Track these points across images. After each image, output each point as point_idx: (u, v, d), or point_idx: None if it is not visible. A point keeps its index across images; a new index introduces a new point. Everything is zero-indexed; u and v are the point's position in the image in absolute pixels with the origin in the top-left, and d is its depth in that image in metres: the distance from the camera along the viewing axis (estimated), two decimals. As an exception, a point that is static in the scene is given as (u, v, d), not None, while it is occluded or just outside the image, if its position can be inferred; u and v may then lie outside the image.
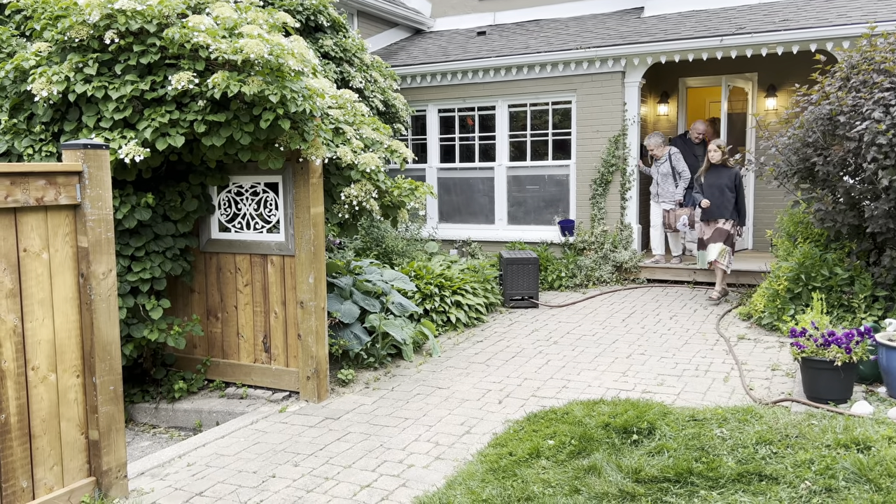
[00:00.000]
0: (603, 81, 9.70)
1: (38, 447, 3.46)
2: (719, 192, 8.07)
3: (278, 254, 5.32)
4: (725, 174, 8.06)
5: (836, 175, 6.08)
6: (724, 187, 8.03)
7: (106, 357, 3.68)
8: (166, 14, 4.67)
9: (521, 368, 5.91)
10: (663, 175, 9.23)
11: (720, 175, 8.08)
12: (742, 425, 4.13)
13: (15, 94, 4.93)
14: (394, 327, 6.06)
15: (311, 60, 4.87)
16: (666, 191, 9.25)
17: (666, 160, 9.19)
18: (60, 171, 3.48)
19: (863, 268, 6.25)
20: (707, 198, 8.16)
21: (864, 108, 5.61)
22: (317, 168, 5.12)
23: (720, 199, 8.06)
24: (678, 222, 9.11)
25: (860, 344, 4.62)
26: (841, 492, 3.32)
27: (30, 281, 3.40)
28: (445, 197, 11.06)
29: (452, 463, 4.09)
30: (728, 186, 8.04)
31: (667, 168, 9.20)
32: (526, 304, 8.35)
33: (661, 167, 9.24)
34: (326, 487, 3.85)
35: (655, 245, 9.63)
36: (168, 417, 5.41)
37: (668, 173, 9.19)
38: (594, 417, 4.39)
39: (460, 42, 11.68)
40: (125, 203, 4.90)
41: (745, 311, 7.32)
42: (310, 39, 8.39)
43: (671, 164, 9.16)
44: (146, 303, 5.06)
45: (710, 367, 5.75)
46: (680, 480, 3.56)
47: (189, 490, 3.88)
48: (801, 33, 8.39)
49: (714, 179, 8.14)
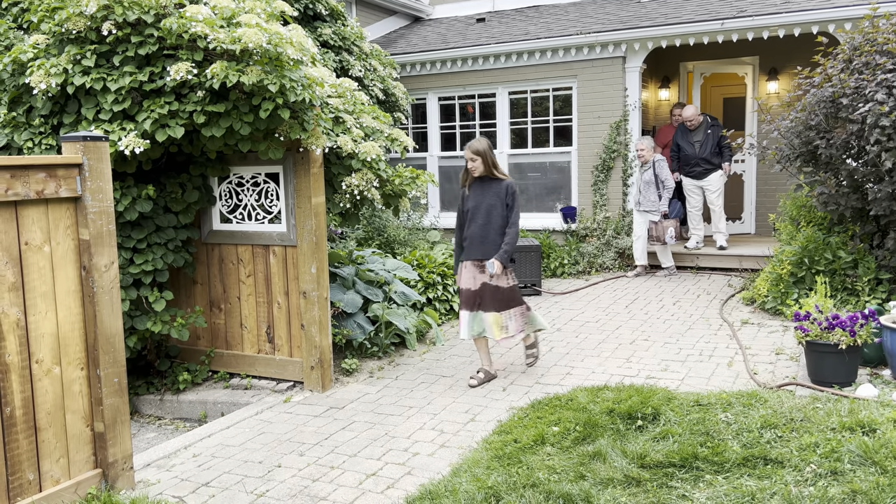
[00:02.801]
0: (603, 67, 9.65)
1: (44, 440, 3.46)
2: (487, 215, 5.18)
3: (280, 244, 5.31)
4: (493, 190, 5.11)
5: (839, 158, 6.05)
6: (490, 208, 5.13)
7: (110, 349, 3.68)
8: (163, 4, 4.64)
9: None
10: (646, 183, 8.69)
11: (486, 191, 5.12)
12: (747, 410, 4.13)
13: (13, 88, 4.91)
14: (397, 316, 6.05)
15: (310, 49, 4.84)
16: (648, 199, 8.69)
17: (650, 167, 8.64)
18: (60, 163, 3.47)
19: (866, 251, 6.23)
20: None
21: (866, 90, 5.57)
22: (317, 158, 5.10)
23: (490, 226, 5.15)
24: (666, 234, 8.60)
25: (864, 327, 4.61)
26: (846, 474, 3.32)
27: (32, 274, 3.39)
28: (447, 185, 11.04)
29: (457, 451, 4.10)
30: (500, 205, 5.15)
31: (650, 176, 8.64)
32: (529, 291, 8.34)
33: (645, 174, 8.70)
34: (332, 476, 3.86)
35: (638, 256, 9.02)
36: (173, 409, 5.43)
37: (651, 181, 8.64)
38: (598, 403, 4.39)
39: (459, 29, 11.62)
40: (126, 195, 4.89)
41: (748, 296, 7.31)
42: (308, 28, 8.34)
43: (655, 171, 8.59)
44: (149, 295, 5.06)
45: (714, 352, 5.74)
46: (685, 465, 3.56)
47: (195, 481, 3.90)
48: (802, 15, 8.33)
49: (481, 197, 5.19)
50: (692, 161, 9.14)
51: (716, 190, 9.09)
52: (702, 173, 9.10)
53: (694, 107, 9.19)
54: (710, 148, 9.01)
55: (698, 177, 9.14)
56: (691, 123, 9.13)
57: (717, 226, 9.25)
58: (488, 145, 5.15)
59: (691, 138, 9.13)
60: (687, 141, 9.16)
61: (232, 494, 3.71)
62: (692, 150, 9.10)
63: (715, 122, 9.10)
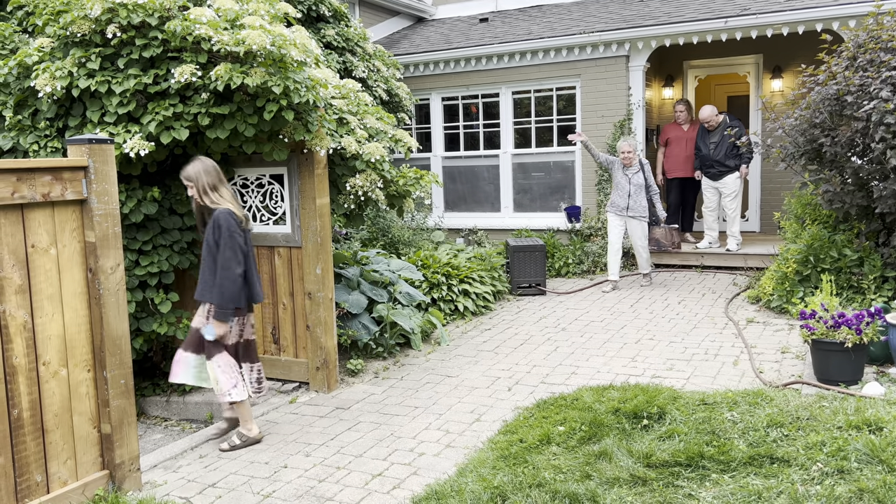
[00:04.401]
0: (607, 66, 9.64)
1: (52, 441, 3.48)
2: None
3: (285, 245, 5.32)
4: (210, 223, 4.24)
5: (844, 156, 6.03)
6: None
7: (116, 351, 3.69)
8: (167, 7, 4.65)
9: (530, 355, 5.91)
10: (637, 186, 8.01)
11: (208, 224, 4.28)
12: (753, 408, 4.12)
13: (19, 91, 4.93)
14: (402, 317, 6.06)
15: (314, 50, 4.85)
16: (639, 204, 8.03)
17: (639, 170, 8.03)
18: (66, 166, 3.48)
19: (872, 249, 6.21)
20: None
21: (871, 87, 5.56)
22: (322, 159, 5.11)
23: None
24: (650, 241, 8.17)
25: (870, 325, 4.59)
26: (853, 473, 3.31)
27: (38, 277, 3.41)
28: (451, 186, 11.04)
29: (463, 451, 4.10)
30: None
31: (641, 179, 8.02)
32: (533, 291, 8.34)
33: (635, 177, 8.01)
34: (338, 477, 3.87)
35: (613, 268, 8.24)
36: (179, 410, 5.44)
37: (642, 185, 8.02)
38: (604, 403, 4.38)
39: (462, 29, 11.62)
40: (131, 197, 4.90)
41: (753, 295, 7.30)
42: (312, 29, 8.35)
43: (644, 174, 8.04)
44: (155, 296, 5.07)
45: (720, 351, 5.73)
46: (691, 464, 3.56)
47: (202, 482, 3.91)
48: (806, 13, 8.31)
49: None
50: (707, 162, 8.98)
51: (730, 193, 8.86)
52: (716, 175, 8.93)
53: (711, 107, 8.99)
54: (726, 150, 8.80)
55: (714, 178, 8.98)
56: (709, 124, 8.97)
57: (730, 229, 9.01)
58: (203, 169, 4.17)
59: (708, 139, 9.00)
60: (704, 142, 9.07)
61: (239, 495, 3.72)
62: (707, 150, 9.00)
63: (735, 124, 8.83)
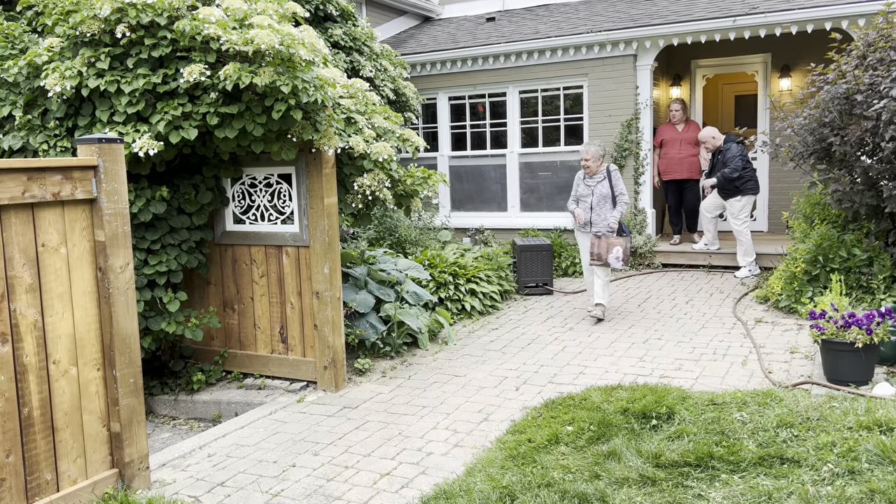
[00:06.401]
0: (615, 65, 9.62)
1: (61, 440, 3.49)
2: None
3: (293, 245, 5.32)
4: None
5: (854, 155, 6.00)
6: None
7: (125, 350, 3.70)
8: (176, 6, 4.66)
9: (538, 355, 5.90)
10: (601, 197, 6.77)
11: None
12: (762, 409, 4.11)
13: (28, 90, 4.95)
14: (409, 316, 6.06)
15: (322, 50, 4.85)
16: (602, 217, 6.78)
17: (604, 178, 6.80)
18: (76, 165, 3.49)
19: (881, 248, 6.18)
20: None
21: (881, 86, 5.53)
22: (329, 158, 5.12)
23: None
24: (610, 254, 6.63)
25: (881, 325, 4.57)
26: (864, 473, 3.29)
27: (49, 275, 3.42)
28: (458, 185, 11.04)
29: (471, 450, 4.10)
30: None
31: (605, 189, 6.77)
32: (540, 290, 8.33)
33: (598, 187, 6.79)
34: (347, 476, 3.87)
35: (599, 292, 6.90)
36: (188, 409, 5.45)
37: (607, 195, 6.77)
38: (612, 403, 4.37)
39: (469, 28, 11.61)
40: (140, 197, 4.92)
41: (762, 294, 7.27)
42: (319, 29, 8.36)
43: (611, 182, 6.78)
44: (163, 295, 5.09)
45: (728, 351, 5.71)
46: (701, 464, 3.55)
47: (210, 480, 3.91)
48: (815, 11, 8.27)
49: None
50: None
51: (733, 213, 8.40)
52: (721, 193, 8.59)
53: (710, 129, 8.63)
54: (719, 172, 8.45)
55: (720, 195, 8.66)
56: (707, 146, 8.77)
57: (737, 248, 8.60)
58: None
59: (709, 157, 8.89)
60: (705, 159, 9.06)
61: (247, 494, 3.72)
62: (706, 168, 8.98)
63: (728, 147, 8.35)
